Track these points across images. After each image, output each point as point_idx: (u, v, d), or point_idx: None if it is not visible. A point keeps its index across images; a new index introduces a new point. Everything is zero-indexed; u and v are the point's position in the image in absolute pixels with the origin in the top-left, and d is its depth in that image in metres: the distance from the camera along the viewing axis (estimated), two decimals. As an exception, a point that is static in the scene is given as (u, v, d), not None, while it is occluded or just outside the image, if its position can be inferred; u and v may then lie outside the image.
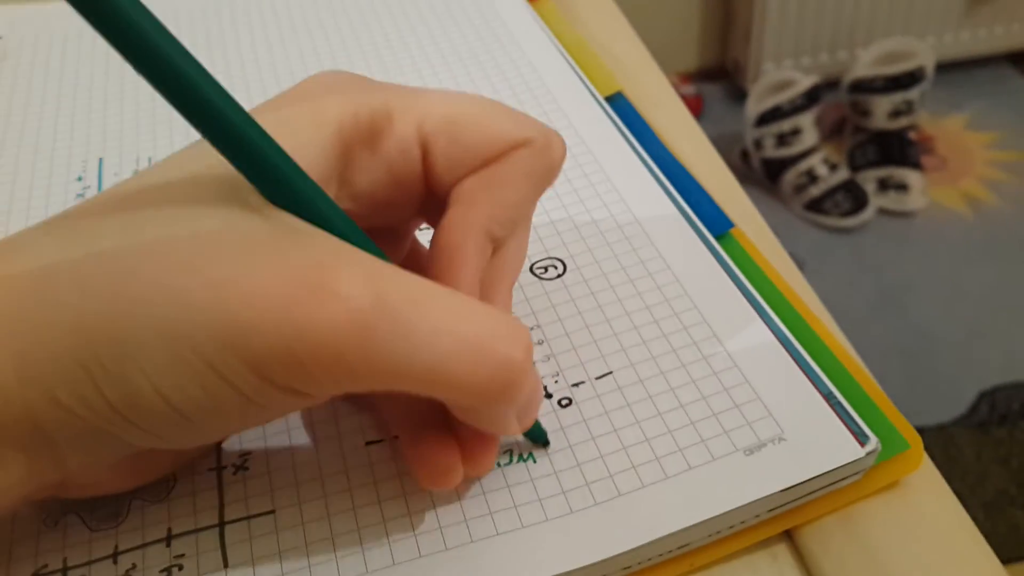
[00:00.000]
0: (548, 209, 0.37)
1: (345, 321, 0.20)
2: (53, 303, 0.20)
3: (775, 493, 0.26)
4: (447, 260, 0.25)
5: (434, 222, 0.28)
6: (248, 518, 0.27)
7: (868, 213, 1.60)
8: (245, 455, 0.29)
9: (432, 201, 0.27)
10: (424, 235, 0.35)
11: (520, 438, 0.28)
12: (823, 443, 0.27)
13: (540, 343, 0.31)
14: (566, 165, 0.39)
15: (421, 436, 0.26)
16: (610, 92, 0.45)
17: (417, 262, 0.31)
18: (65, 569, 0.26)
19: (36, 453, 0.21)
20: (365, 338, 0.20)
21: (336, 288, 0.20)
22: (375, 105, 0.25)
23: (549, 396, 0.29)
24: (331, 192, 0.25)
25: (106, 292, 0.20)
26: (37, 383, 0.20)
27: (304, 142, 0.23)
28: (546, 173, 0.27)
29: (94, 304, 0.20)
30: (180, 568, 0.26)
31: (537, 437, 0.28)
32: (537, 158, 0.26)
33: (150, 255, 0.21)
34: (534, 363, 0.25)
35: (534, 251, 0.35)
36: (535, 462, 0.28)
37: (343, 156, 0.25)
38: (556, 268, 0.34)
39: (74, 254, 0.21)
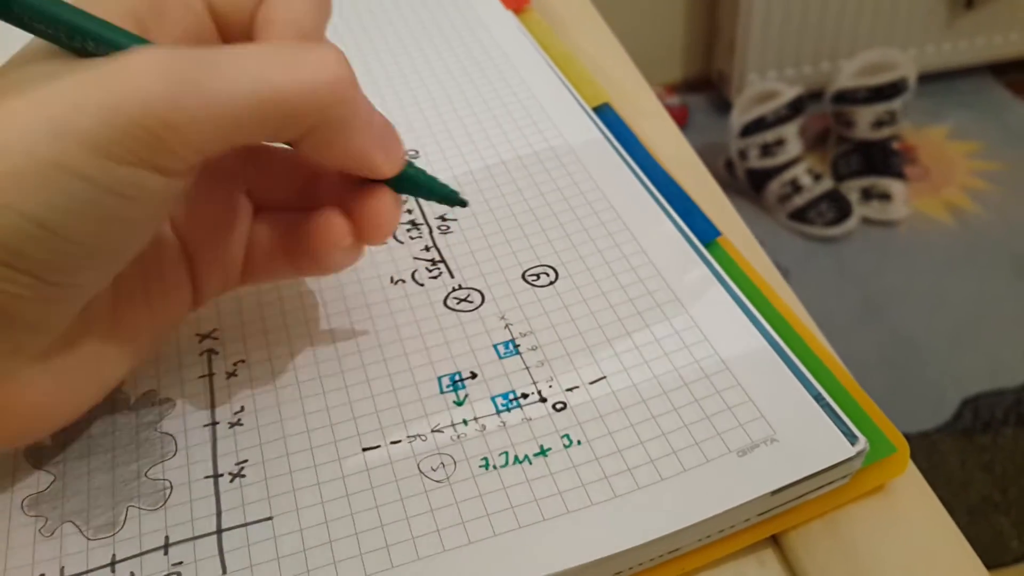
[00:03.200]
0: (540, 217, 0.37)
1: (156, 71, 0.22)
2: None
3: (768, 495, 0.27)
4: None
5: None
6: (246, 525, 0.27)
7: (852, 222, 1.61)
8: (241, 463, 0.29)
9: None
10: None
11: (424, 197, 0.29)
12: (814, 443, 0.28)
13: (534, 349, 0.31)
14: (556, 174, 0.39)
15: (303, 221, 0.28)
16: (597, 103, 0.45)
17: None
18: (63, 578, 0.26)
19: None
20: (179, 82, 0.22)
21: (136, 61, 0.22)
22: None
23: (544, 400, 0.30)
24: None
25: None
26: None
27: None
28: None
29: None
30: None
31: (442, 194, 0.29)
32: None
33: None
34: (365, 97, 0.26)
35: (526, 259, 0.35)
36: (531, 464, 0.28)
37: (138, 28, 0.26)
38: (548, 275, 0.34)
39: None
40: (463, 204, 0.29)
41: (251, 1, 0.27)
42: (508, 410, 0.30)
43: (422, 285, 0.34)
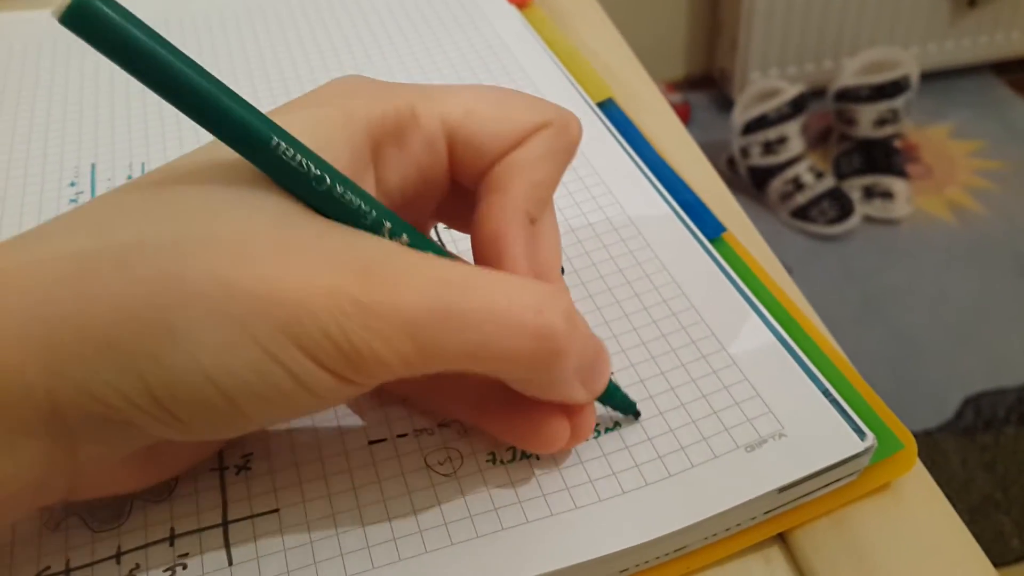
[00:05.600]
0: (545, 212, 0.37)
1: (392, 312, 0.21)
2: (93, 291, 0.20)
3: (775, 492, 0.27)
4: (495, 245, 0.25)
5: (450, 220, 0.29)
6: (252, 517, 0.27)
7: (854, 221, 1.61)
8: (247, 456, 0.29)
9: (451, 199, 0.28)
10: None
11: (608, 410, 0.29)
12: (823, 438, 0.28)
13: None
14: (562, 169, 0.39)
15: (495, 411, 0.27)
16: (601, 98, 0.45)
17: None
18: (68, 571, 0.26)
19: (49, 441, 0.21)
20: (416, 327, 0.21)
21: (384, 278, 0.21)
22: (399, 103, 0.26)
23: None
24: (367, 189, 0.25)
25: (154, 279, 0.20)
26: (68, 374, 0.20)
27: (336, 142, 0.24)
28: (567, 150, 0.28)
29: (141, 290, 0.20)
30: (184, 567, 0.26)
31: (621, 406, 0.29)
32: (558, 138, 0.27)
33: (200, 244, 0.21)
34: (586, 327, 0.25)
35: (532, 253, 0.35)
36: (538, 459, 0.28)
37: (374, 154, 0.25)
38: (554, 270, 0.34)
39: (114, 240, 0.21)
40: (637, 416, 0.29)
41: (497, 151, 0.26)
42: (515, 404, 0.30)
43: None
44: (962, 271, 1.54)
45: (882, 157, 1.68)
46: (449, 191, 0.28)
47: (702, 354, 0.30)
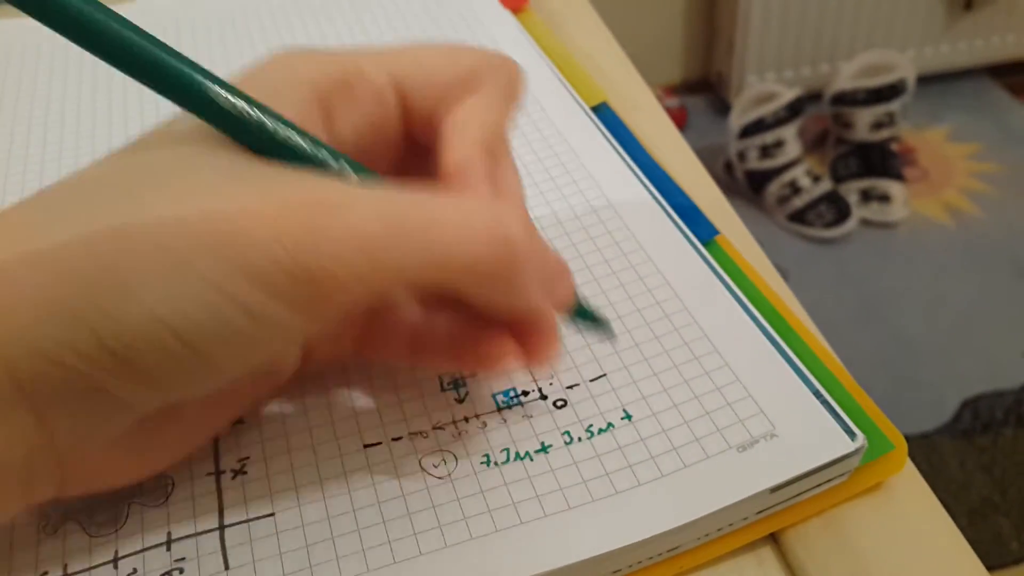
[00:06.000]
0: (538, 216, 0.37)
1: (342, 230, 0.21)
2: (37, 255, 0.21)
3: (767, 492, 0.27)
4: (457, 178, 0.26)
5: (410, 175, 0.29)
6: (248, 521, 0.27)
7: (851, 224, 1.62)
8: (243, 460, 0.29)
9: (409, 158, 0.29)
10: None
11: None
12: (814, 439, 0.28)
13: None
14: (555, 172, 0.39)
15: (432, 347, 0.28)
16: (595, 102, 0.46)
17: None
18: (66, 575, 0.26)
19: (20, 417, 0.21)
20: (369, 241, 0.21)
21: (335, 202, 0.21)
22: (344, 60, 0.27)
23: (544, 398, 0.30)
24: None
25: (94, 233, 0.21)
26: (19, 340, 0.20)
27: (283, 97, 0.25)
28: (515, 91, 0.28)
29: (82, 246, 0.21)
30: (181, 572, 0.26)
31: (590, 318, 0.29)
32: (503, 76, 0.28)
33: (142, 193, 0.22)
34: (541, 238, 0.25)
35: (526, 257, 0.35)
36: (532, 460, 0.28)
37: (323, 110, 0.26)
38: (548, 273, 0.34)
39: (56, 207, 0.22)
40: (610, 336, 0.30)
41: (446, 98, 0.27)
42: (509, 407, 0.30)
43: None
44: (959, 274, 1.54)
45: (879, 160, 1.68)
46: (404, 148, 0.29)
47: (695, 355, 0.31)
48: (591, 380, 0.30)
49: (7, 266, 0.21)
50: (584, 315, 0.29)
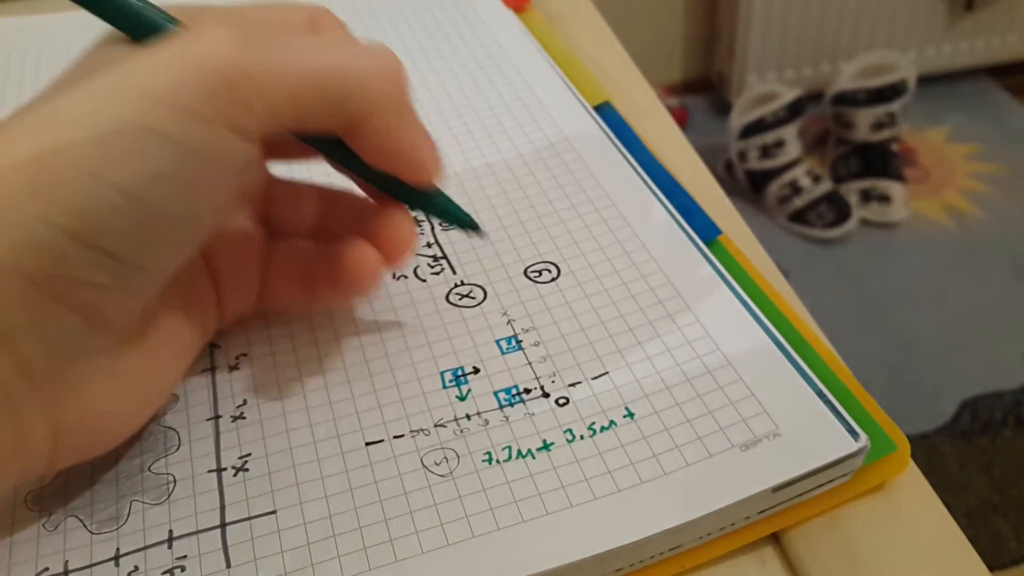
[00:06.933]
0: (541, 215, 0.37)
1: (236, 34, 0.23)
2: None
3: (770, 491, 0.27)
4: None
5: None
6: (249, 519, 0.27)
7: (851, 224, 1.62)
8: (244, 457, 0.29)
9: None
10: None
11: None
12: (817, 438, 0.28)
13: (537, 344, 0.32)
14: (558, 171, 0.39)
15: (319, 280, 0.30)
16: (598, 102, 0.46)
17: None
18: (67, 572, 0.26)
19: None
20: (256, 47, 0.24)
21: (212, 26, 0.24)
22: None
23: (546, 395, 0.30)
24: None
25: (18, 127, 0.22)
26: None
27: None
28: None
29: (8, 145, 0.22)
30: (182, 570, 0.26)
31: (459, 216, 0.31)
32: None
33: (59, 84, 0.24)
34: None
35: (528, 255, 0.35)
36: (534, 458, 0.28)
37: None
38: (550, 271, 0.34)
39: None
40: (479, 233, 0.31)
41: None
42: (511, 405, 0.30)
43: (424, 281, 0.35)
44: (959, 274, 1.54)
45: (879, 161, 1.68)
46: None
47: (697, 354, 0.31)
48: (593, 378, 0.30)
49: None
50: (449, 205, 0.31)
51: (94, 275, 0.22)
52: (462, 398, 0.30)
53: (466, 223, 0.31)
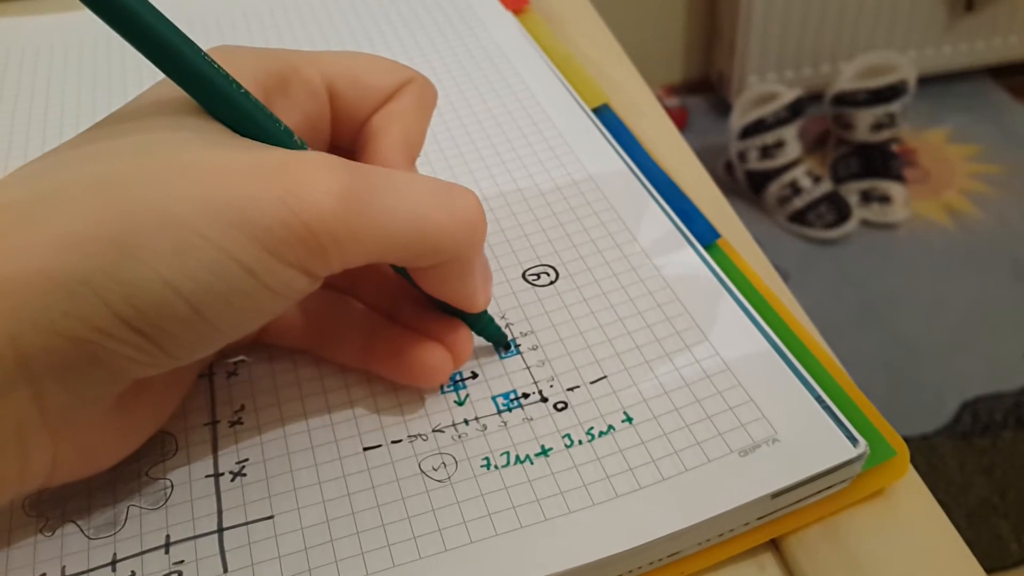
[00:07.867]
0: (539, 217, 0.37)
1: (335, 185, 0.23)
2: (41, 226, 0.21)
3: (768, 497, 0.27)
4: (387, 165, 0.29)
5: None
6: (247, 524, 0.27)
7: (851, 225, 1.62)
8: (242, 462, 0.29)
9: (335, 150, 0.31)
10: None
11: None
12: (816, 444, 0.28)
13: (535, 348, 0.32)
14: (556, 174, 0.39)
15: (381, 351, 0.30)
16: (597, 104, 0.46)
17: None
18: (63, 577, 0.26)
19: (15, 393, 0.22)
20: (352, 200, 0.23)
21: (315, 167, 0.23)
22: (281, 57, 0.29)
23: (545, 400, 0.30)
24: None
25: (101, 205, 0.21)
26: (26, 314, 0.21)
27: None
28: (430, 103, 0.31)
29: (90, 217, 0.21)
30: (180, 574, 0.26)
31: (496, 334, 0.31)
32: (422, 92, 0.31)
33: (139, 165, 0.22)
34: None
35: (526, 258, 0.35)
36: (532, 464, 0.28)
37: (263, 101, 0.27)
38: (548, 275, 0.34)
39: (51, 184, 0.22)
40: (508, 348, 0.32)
41: (372, 103, 0.30)
42: (509, 410, 0.30)
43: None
44: (959, 275, 1.54)
45: (879, 161, 1.68)
46: (329, 148, 0.31)
47: (696, 359, 0.31)
48: (592, 382, 0.30)
49: (10, 242, 0.21)
50: (490, 323, 0.31)
51: (133, 353, 0.22)
52: (460, 403, 0.30)
53: (500, 342, 0.32)
